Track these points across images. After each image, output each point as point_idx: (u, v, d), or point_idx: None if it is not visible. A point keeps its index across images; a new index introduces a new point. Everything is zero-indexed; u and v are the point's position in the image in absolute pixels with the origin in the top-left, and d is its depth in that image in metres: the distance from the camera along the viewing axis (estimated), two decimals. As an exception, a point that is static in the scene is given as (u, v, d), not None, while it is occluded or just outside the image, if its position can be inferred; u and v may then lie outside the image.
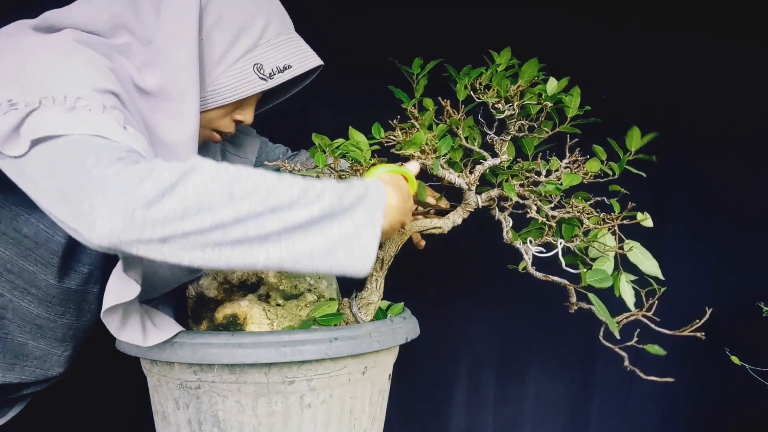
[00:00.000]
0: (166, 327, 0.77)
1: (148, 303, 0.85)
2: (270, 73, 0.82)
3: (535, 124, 0.87)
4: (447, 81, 0.91)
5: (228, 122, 0.88)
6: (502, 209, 0.89)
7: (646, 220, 0.82)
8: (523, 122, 0.87)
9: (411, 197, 0.78)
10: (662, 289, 0.81)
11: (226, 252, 0.59)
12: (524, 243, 0.84)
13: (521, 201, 0.87)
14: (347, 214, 0.64)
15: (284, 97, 0.95)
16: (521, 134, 0.88)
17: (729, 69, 1.74)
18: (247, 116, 0.88)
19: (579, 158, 0.86)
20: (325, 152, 0.85)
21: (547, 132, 0.88)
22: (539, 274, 0.83)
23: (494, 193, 0.89)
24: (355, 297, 0.90)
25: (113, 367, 1.16)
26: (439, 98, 0.88)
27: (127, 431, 1.46)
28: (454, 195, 0.94)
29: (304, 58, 0.85)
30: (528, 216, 0.86)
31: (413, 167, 0.82)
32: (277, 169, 0.86)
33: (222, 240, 0.58)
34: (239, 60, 0.81)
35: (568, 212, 0.84)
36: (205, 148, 0.95)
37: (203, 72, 0.80)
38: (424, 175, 0.92)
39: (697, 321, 0.77)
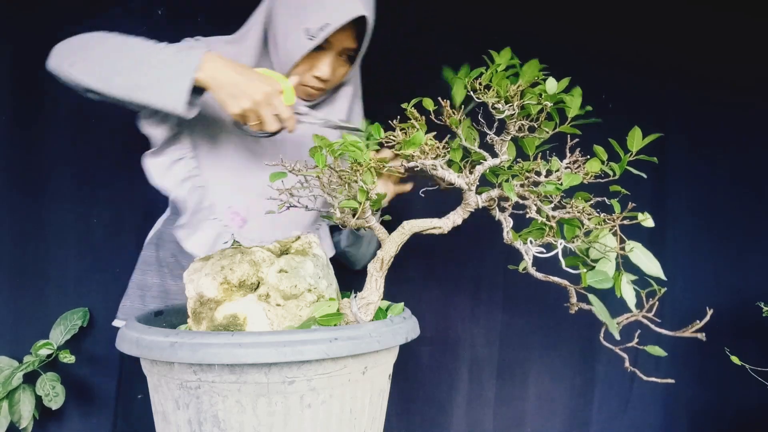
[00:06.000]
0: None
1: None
2: (314, 33, 1.04)
3: (535, 125, 0.87)
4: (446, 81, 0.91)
5: (310, 78, 1.12)
6: (502, 209, 0.89)
7: (646, 220, 0.82)
8: (523, 122, 0.87)
9: (258, 82, 0.98)
10: (662, 290, 0.81)
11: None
12: (525, 243, 0.84)
13: (521, 201, 0.86)
14: (171, 64, 0.95)
15: (364, 47, 1.14)
16: (521, 134, 0.88)
17: (729, 68, 1.74)
18: (322, 71, 1.11)
19: (579, 158, 0.86)
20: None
21: (548, 132, 0.88)
22: (539, 275, 0.83)
23: (494, 193, 0.89)
24: (355, 297, 0.90)
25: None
26: (439, 98, 0.88)
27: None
28: (454, 195, 0.94)
29: (339, 17, 1.04)
30: (528, 216, 0.86)
31: (292, 79, 1.04)
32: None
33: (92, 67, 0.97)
34: (295, 30, 1.05)
35: (569, 212, 0.84)
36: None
37: (278, 44, 1.09)
38: (423, 177, 0.92)
39: (698, 322, 0.77)
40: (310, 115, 1.08)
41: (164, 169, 1.11)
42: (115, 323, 1.20)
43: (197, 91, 0.98)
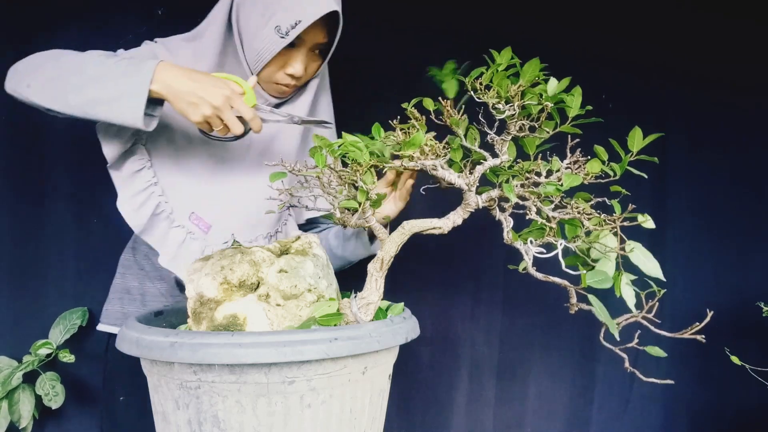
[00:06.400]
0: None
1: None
2: (286, 31, 1.02)
3: (536, 124, 0.87)
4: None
5: (282, 76, 1.11)
6: (502, 209, 0.89)
7: (647, 222, 0.82)
8: (523, 122, 0.87)
9: (214, 86, 0.96)
10: (662, 291, 0.81)
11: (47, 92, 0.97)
12: (525, 243, 0.83)
13: (521, 202, 0.86)
14: (125, 79, 0.94)
15: (334, 43, 1.12)
16: (522, 134, 0.88)
17: (729, 69, 1.74)
18: (295, 69, 1.09)
19: (580, 159, 0.86)
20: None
21: (548, 132, 0.87)
22: (539, 275, 0.83)
23: (494, 193, 0.89)
24: (355, 297, 0.90)
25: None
26: (439, 98, 0.88)
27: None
28: (455, 195, 0.94)
29: (311, 14, 1.02)
30: (528, 217, 0.86)
31: (250, 80, 1.05)
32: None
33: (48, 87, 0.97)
34: (265, 27, 1.03)
35: (569, 213, 0.83)
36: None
37: (245, 42, 1.07)
38: (423, 176, 0.92)
39: (698, 324, 0.77)
40: (274, 113, 1.06)
41: (124, 181, 1.10)
42: (99, 327, 1.20)
43: (156, 101, 0.97)
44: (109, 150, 1.09)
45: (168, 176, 1.13)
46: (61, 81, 0.96)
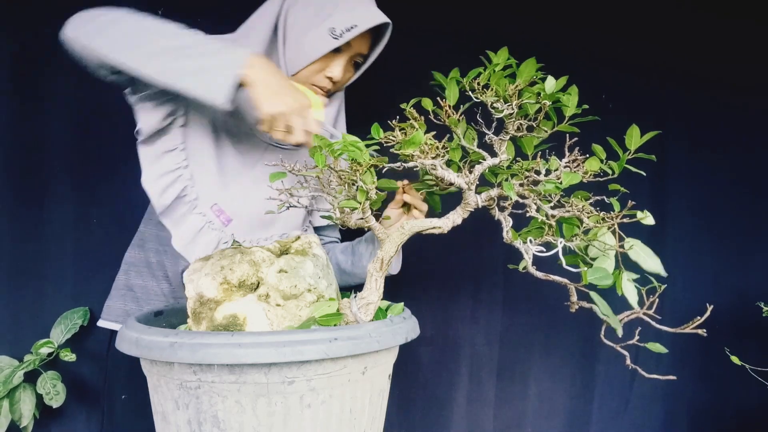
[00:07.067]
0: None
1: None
2: (340, 33, 1.06)
3: (533, 124, 0.87)
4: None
5: (321, 78, 1.13)
6: (501, 209, 0.89)
7: (646, 218, 0.82)
8: (521, 122, 0.87)
9: (296, 92, 0.98)
10: (663, 286, 0.81)
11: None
12: (524, 242, 0.84)
13: (521, 200, 0.86)
14: (217, 56, 0.94)
15: (374, 55, 1.19)
16: (520, 134, 0.88)
17: (729, 69, 1.74)
18: (335, 72, 1.12)
19: (578, 157, 0.86)
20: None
21: (546, 131, 0.88)
22: (540, 274, 0.83)
23: (494, 192, 0.89)
24: (355, 297, 0.90)
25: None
26: (438, 98, 0.89)
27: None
28: (454, 195, 0.94)
29: (367, 20, 1.07)
30: (528, 215, 0.86)
31: (323, 99, 1.09)
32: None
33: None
34: (318, 27, 1.07)
35: (568, 211, 0.84)
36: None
37: (290, 41, 1.10)
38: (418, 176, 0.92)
39: (698, 318, 0.77)
40: (325, 130, 1.08)
41: (153, 159, 1.10)
42: (100, 323, 1.20)
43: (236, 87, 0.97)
44: (147, 124, 1.08)
45: (198, 164, 1.13)
46: (143, 41, 0.95)
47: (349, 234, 1.24)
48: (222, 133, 1.15)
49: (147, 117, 1.08)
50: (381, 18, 1.09)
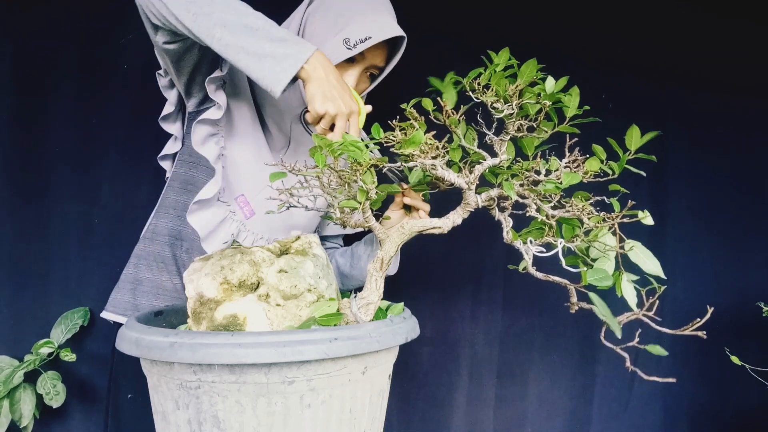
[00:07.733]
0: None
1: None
2: (354, 44, 1.08)
3: (534, 124, 0.87)
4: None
5: None
6: (502, 209, 0.89)
7: (646, 218, 0.82)
8: (522, 122, 0.87)
9: (348, 96, 0.99)
10: (662, 288, 0.81)
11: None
12: (524, 243, 0.84)
13: (521, 200, 0.86)
14: (283, 45, 0.94)
15: (390, 68, 1.19)
16: (520, 134, 0.88)
17: (729, 69, 1.74)
18: (348, 82, 1.13)
19: (579, 157, 0.86)
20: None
21: (547, 132, 0.88)
22: (540, 274, 0.83)
23: (494, 192, 0.89)
24: (355, 297, 0.90)
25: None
26: (438, 99, 0.89)
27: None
28: (454, 195, 0.94)
29: (381, 32, 1.08)
30: (528, 215, 0.86)
31: (367, 107, 1.07)
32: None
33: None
34: (334, 37, 1.08)
35: (568, 211, 0.84)
36: None
37: None
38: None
39: (698, 320, 0.77)
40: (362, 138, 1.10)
41: (205, 136, 1.12)
42: (103, 315, 1.20)
43: (293, 79, 0.99)
44: (210, 96, 1.11)
45: (232, 153, 1.15)
46: (212, 9, 0.94)
47: (352, 242, 1.25)
48: (258, 127, 1.17)
49: (193, 93, 1.13)
50: (396, 31, 1.09)
